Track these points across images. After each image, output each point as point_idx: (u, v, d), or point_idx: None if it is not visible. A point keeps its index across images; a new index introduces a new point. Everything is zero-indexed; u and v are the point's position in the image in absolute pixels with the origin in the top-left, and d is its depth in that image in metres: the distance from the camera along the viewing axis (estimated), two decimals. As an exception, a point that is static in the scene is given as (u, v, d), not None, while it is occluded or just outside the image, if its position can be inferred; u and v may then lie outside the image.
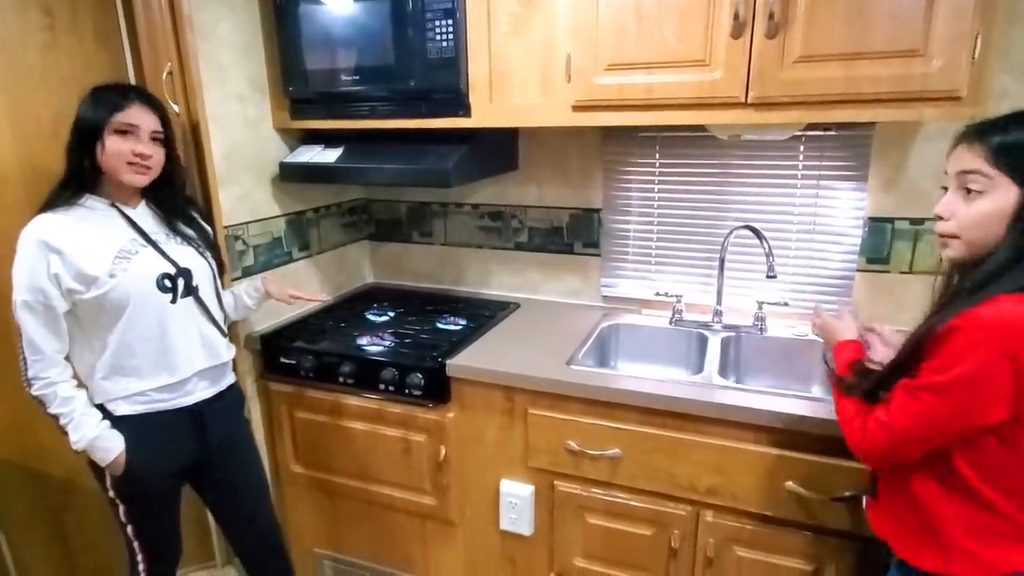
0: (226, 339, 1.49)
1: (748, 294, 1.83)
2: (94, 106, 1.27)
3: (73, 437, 1.29)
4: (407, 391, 1.64)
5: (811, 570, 1.37)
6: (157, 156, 1.32)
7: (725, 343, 1.72)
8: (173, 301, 1.36)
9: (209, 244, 1.49)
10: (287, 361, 1.77)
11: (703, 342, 1.74)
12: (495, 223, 2.14)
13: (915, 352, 0.94)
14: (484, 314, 1.95)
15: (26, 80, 1.62)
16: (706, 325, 1.81)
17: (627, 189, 1.92)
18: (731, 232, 1.72)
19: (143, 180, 1.32)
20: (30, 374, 1.28)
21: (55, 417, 1.30)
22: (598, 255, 2.01)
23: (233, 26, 1.71)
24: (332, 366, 1.71)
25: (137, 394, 1.35)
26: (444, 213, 2.21)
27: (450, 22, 1.57)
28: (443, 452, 1.65)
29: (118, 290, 1.27)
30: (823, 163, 1.69)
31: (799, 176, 1.72)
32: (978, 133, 0.90)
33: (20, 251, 1.25)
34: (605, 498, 1.52)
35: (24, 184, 1.66)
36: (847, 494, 1.26)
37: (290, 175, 1.88)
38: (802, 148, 1.70)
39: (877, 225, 1.69)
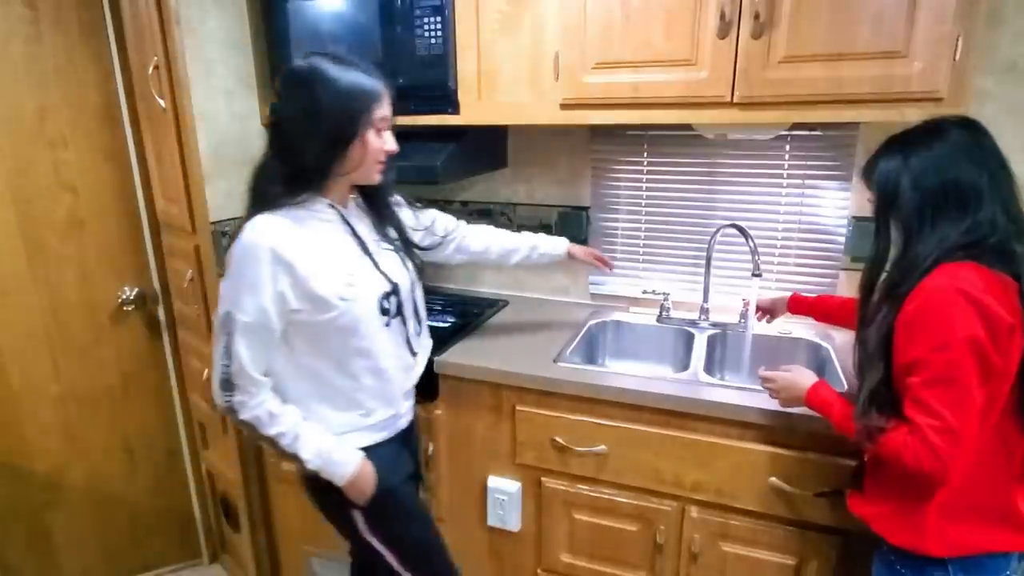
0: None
1: (734, 292, 1.85)
2: (352, 95, 1.04)
3: (305, 455, 1.09)
4: (395, 388, 1.64)
5: (794, 564, 1.39)
6: None
7: (711, 340, 1.74)
8: (388, 324, 1.17)
9: (408, 245, 1.26)
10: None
11: (689, 339, 1.75)
12: (484, 220, 2.14)
13: (886, 346, 0.99)
14: (472, 311, 1.95)
15: (10, 73, 1.61)
16: (693, 323, 1.82)
17: (615, 187, 1.93)
18: (718, 231, 1.74)
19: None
20: (236, 399, 1.08)
21: (272, 441, 1.09)
22: (586, 253, 2.02)
23: (220, 21, 1.70)
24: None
25: (357, 430, 1.17)
26: (433, 210, 2.21)
27: (439, 19, 1.57)
28: (431, 449, 1.66)
29: (348, 315, 1.08)
30: (808, 163, 1.71)
31: (785, 175, 1.74)
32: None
33: (243, 259, 1.03)
34: (591, 494, 1.53)
35: (6, 177, 1.65)
36: (829, 490, 1.28)
37: (278, 171, 1.87)
38: (788, 148, 1.72)
39: (862, 224, 1.70)
